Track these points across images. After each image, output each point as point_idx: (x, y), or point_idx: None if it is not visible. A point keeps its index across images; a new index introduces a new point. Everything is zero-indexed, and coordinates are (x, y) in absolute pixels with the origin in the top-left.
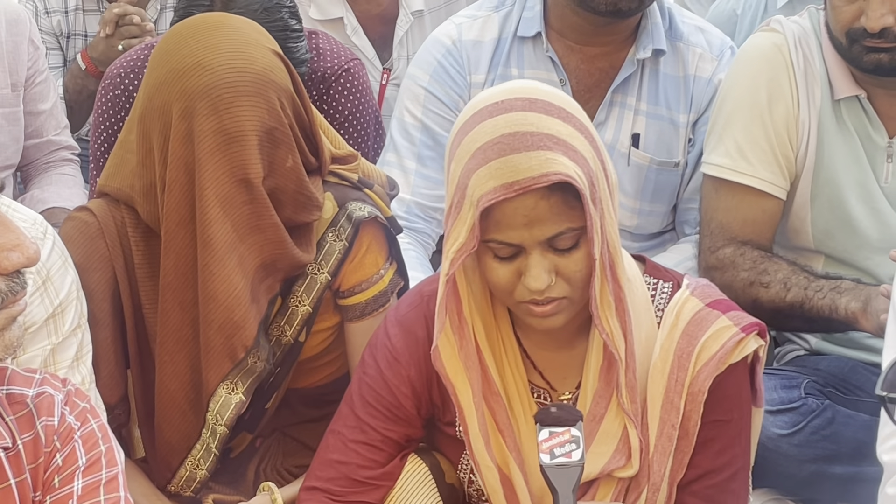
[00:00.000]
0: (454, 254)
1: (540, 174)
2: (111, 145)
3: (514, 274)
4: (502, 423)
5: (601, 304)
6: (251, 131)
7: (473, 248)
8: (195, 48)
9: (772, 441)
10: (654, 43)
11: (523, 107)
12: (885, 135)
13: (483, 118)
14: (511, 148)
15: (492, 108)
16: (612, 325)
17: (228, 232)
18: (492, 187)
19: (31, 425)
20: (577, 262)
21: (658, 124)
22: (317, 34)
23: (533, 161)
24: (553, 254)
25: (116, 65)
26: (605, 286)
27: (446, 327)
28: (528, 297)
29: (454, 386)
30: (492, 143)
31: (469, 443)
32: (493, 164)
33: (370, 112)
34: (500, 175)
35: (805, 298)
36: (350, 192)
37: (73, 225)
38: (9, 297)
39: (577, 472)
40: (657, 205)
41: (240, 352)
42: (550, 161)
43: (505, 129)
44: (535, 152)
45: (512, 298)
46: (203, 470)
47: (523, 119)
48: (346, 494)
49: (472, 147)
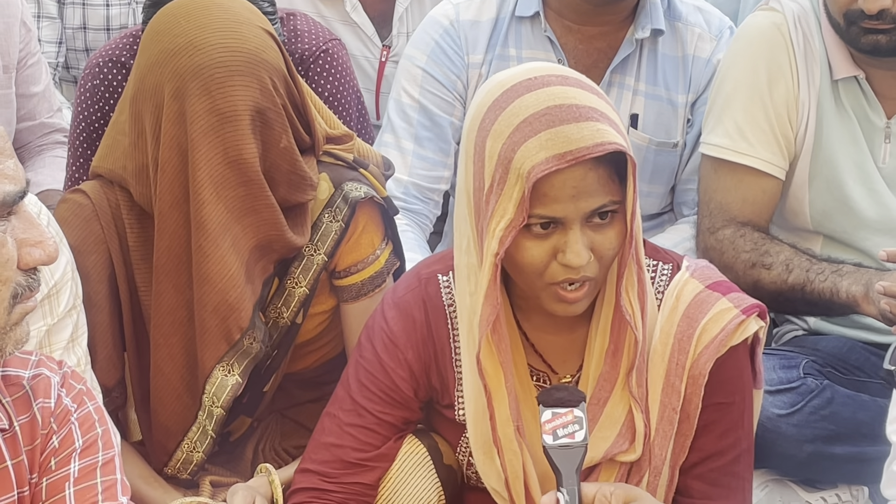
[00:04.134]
0: (503, 231)
1: (594, 143)
2: (90, 135)
3: (548, 253)
4: (514, 407)
5: (627, 283)
6: (244, 111)
7: (522, 223)
8: (186, 28)
9: (771, 421)
10: (652, 23)
11: (559, 82)
12: (882, 115)
13: (520, 93)
14: (560, 119)
15: (527, 83)
16: (635, 305)
17: (222, 213)
18: (543, 158)
19: (27, 407)
20: (611, 239)
21: (656, 105)
22: (295, 15)
23: (585, 131)
24: (590, 230)
25: (97, 55)
26: (632, 265)
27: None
28: (563, 276)
29: (486, 370)
30: (538, 116)
31: (494, 428)
32: (542, 136)
33: (351, 92)
34: (552, 146)
35: (807, 281)
36: (346, 172)
37: (67, 207)
38: (26, 292)
39: (581, 452)
40: (656, 186)
41: (235, 333)
42: (602, 131)
43: (550, 102)
44: (586, 123)
45: (542, 280)
46: (199, 453)
47: (564, 93)
48: (339, 476)
49: (515, 121)
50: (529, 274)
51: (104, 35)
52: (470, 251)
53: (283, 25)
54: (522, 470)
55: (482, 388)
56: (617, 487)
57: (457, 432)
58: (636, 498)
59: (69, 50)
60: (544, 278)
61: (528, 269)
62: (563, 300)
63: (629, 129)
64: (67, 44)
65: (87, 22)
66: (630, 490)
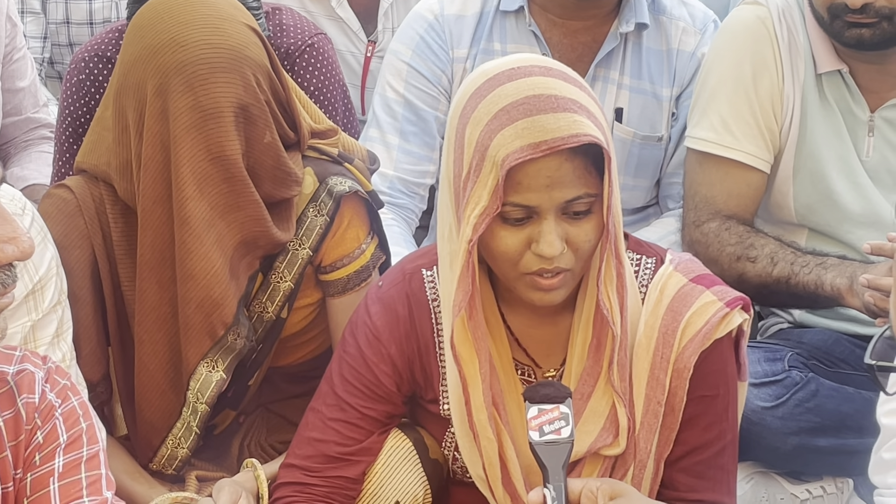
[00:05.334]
0: (476, 218)
1: (569, 134)
2: (76, 129)
3: (522, 243)
4: (497, 397)
5: (605, 277)
6: (227, 108)
7: (496, 211)
8: (170, 24)
9: (756, 414)
10: (636, 17)
11: (542, 73)
12: (866, 109)
13: (501, 82)
14: (538, 109)
15: (509, 73)
16: (613, 300)
17: (205, 209)
18: (518, 146)
19: (11, 402)
20: (587, 232)
21: (641, 98)
22: (280, 10)
23: (561, 122)
24: (566, 222)
25: (82, 49)
26: (610, 260)
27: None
28: (536, 266)
29: (461, 355)
30: (516, 104)
31: (470, 413)
32: (519, 124)
33: (337, 87)
34: (528, 134)
35: (791, 273)
36: (330, 166)
37: (51, 202)
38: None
39: (567, 448)
40: (640, 179)
41: (219, 329)
42: (578, 123)
43: (529, 91)
44: (563, 114)
45: (516, 270)
46: (184, 448)
47: (545, 83)
48: (322, 470)
49: (493, 109)
50: (504, 263)
51: (87, 29)
52: (452, 238)
53: (268, 20)
54: (499, 458)
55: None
56: (603, 482)
57: (441, 427)
58: (622, 493)
59: (53, 45)
60: (519, 268)
61: (502, 258)
62: (539, 288)
63: (614, 123)
64: (52, 38)
65: (70, 16)
66: (616, 485)
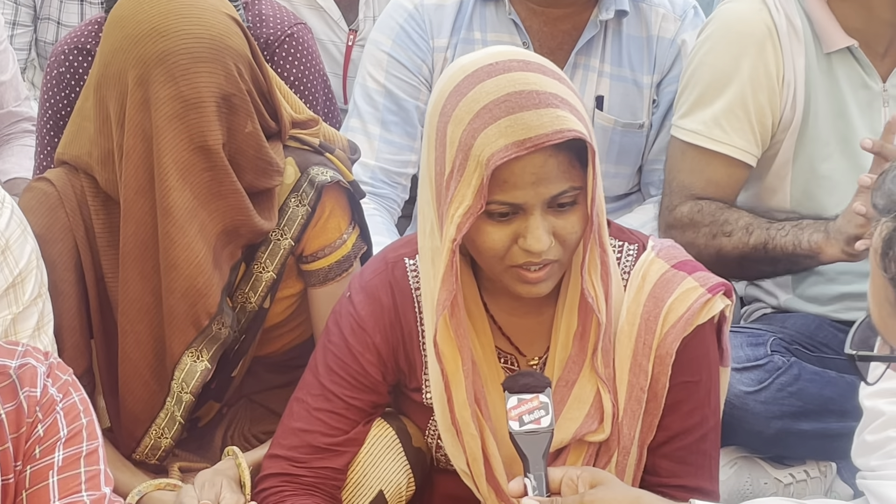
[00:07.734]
0: (461, 217)
1: (553, 131)
2: (56, 122)
3: (509, 238)
4: (479, 393)
5: (589, 266)
6: (209, 98)
7: (480, 210)
8: (151, 14)
9: (738, 398)
10: (616, 4)
11: (521, 67)
12: (878, 80)
13: (481, 79)
14: (520, 106)
15: (488, 69)
16: (598, 288)
17: (188, 199)
18: (503, 145)
19: (13, 395)
20: (573, 223)
21: (622, 86)
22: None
23: (544, 118)
24: (551, 215)
25: (62, 42)
26: (595, 249)
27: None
28: (523, 260)
29: (444, 353)
30: (498, 102)
31: (452, 410)
32: (502, 123)
33: (317, 77)
34: (512, 133)
35: (768, 238)
36: (312, 156)
37: (32, 195)
38: None
39: (547, 438)
40: (622, 167)
41: (204, 319)
42: (562, 118)
43: (510, 88)
44: (545, 110)
45: (503, 264)
46: (168, 439)
47: (525, 79)
48: (308, 461)
49: (475, 107)
50: (490, 257)
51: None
52: (434, 235)
53: (247, 10)
54: (482, 452)
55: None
56: (583, 471)
57: (425, 415)
58: (602, 480)
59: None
60: (505, 261)
61: (488, 253)
62: (526, 281)
63: (594, 111)
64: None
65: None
66: (596, 473)
